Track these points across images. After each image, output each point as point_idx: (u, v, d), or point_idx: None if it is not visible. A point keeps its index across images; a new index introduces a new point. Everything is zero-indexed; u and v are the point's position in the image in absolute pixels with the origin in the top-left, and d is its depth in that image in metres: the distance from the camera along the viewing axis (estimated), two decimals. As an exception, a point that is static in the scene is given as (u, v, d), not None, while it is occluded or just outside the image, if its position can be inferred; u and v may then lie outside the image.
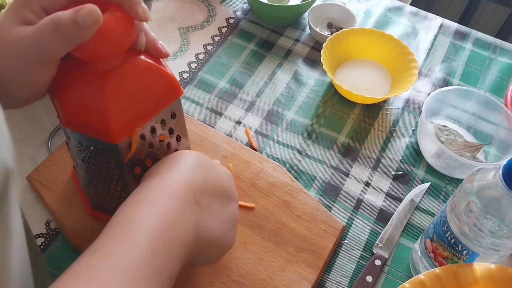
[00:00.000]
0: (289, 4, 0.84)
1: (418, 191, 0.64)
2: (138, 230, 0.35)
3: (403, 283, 0.47)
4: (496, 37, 0.86)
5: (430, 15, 0.89)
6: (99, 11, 0.35)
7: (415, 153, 0.69)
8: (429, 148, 0.65)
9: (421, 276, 0.48)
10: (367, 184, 0.65)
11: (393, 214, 0.62)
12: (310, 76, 0.77)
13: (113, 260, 0.32)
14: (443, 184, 0.66)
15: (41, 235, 0.57)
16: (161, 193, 0.38)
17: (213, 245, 0.43)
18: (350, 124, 0.71)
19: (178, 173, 0.41)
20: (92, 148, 0.45)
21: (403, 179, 0.66)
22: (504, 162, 0.43)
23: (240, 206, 0.59)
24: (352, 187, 0.65)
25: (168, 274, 0.35)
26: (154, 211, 0.36)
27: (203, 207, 0.41)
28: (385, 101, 0.75)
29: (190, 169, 0.42)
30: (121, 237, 0.34)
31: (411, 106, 0.75)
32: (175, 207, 0.38)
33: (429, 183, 0.65)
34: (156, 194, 0.38)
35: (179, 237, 0.37)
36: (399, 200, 0.64)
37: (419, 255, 0.56)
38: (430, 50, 0.83)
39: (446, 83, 0.78)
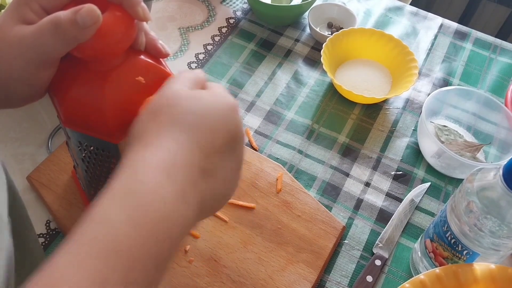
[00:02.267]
0: (289, 4, 0.84)
1: (418, 191, 0.64)
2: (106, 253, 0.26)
3: (403, 283, 0.47)
4: (496, 37, 0.86)
5: (430, 15, 0.89)
6: (99, 11, 0.35)
7: (415, 153, 0.69)
8: (429, 148, 0.65)
9: (421, 276, 0.48)
10: (367, 184, 0.65)
11: (393, 214, 0.62)
12: (310, 76, 0.77)
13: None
14: (443, 184, 0.66)
15: (41, 235, 0.57)
16: (151, 175, 0.29)
17: (218, 203, 0.37)
18: (350, 124, 0.71)
19: (179, 138, 0.31)
20: (92, 147, 0.45)
21: (403, 179, 0.66)
22: (504, 162, 0.43)
23: (240, 206, 0.59)
24: (352, 187, 0.65)
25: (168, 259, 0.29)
26: (139, 205, 0.28)
27: (211, 175, 0.33)
28: (385, 101, 0.75)
29: (194, 125, 0.32)
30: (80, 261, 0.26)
31: (411, 106, 0.75)
32: (169, 197, 0.29)
33: (429, 183, 0.65)
34: (149, 183, 0.29)
35: (173, 235, 0.29)
36: (399, 200, 0.64)
37: (419, 255, 0.55)
38: (430, 50, 0.83)
39: (446, 83, 0.78)
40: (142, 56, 0.41)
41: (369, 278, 0.56)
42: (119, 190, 0.29)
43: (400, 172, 0.67)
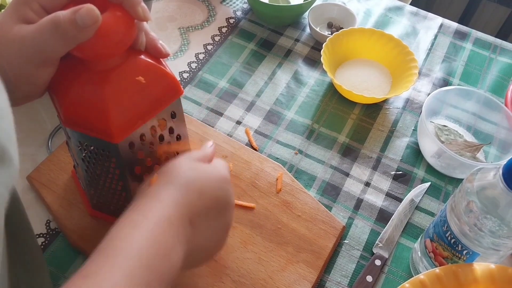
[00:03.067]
0: (289, 4, 0.84)
1: (418, 191, 0.64)
2: (133, 259, 0.33)
3: (403, 283, 0.47)
4: (496, 37, 0.86)
5: (430, 15, 0.89)
6: (98, 11, 0.35)
7: (415, 153, 0.69)
8: (429, 148, 0.65)
9: (421, 276, 0.48)
10: (367, 184, 0.65)
11: (393, 214, 0.62)
12: (310, 76, 0.77)
13: None
14: (443, 184, 0.66)
15: (41, 235, 0.57)
16: (157, 217, 0.37)
17: (202, 257, 0.43)
18: (350, 124, 0.71)
19: (174, 194, 0.39)
20: (92, 147, 0.45)
21: (403, 179, 0.66)
22: (504, 162, 0.43)
23: (240, 206, 0.59)
24: (352, 187, 0.65)
25: None
26: (149, 237, 0.35)
27: (197, 228, 0.40)
28: (385, 101, 0.75)
29: (184, 186, 0.40)
30: (116, 265, 0.32)
31: (411, 106, 0.75)
32: (170, 234, 0.36)
33: (429, 183, 0.65)
34: (152, 218, 0.36)
35: (172, 266, 0.36)
36: (399, 200, 0.64)
37: (419, 255, 0.55)
38: (430, 50, 0.83)
39: (446, 83, 0.78)
40: (142, 56, 0.41)
41: (369, 278, 0.56)
42: (127, 221, 0.37)
43: (400, 172, 0.67)
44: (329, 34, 0.79)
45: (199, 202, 0.40)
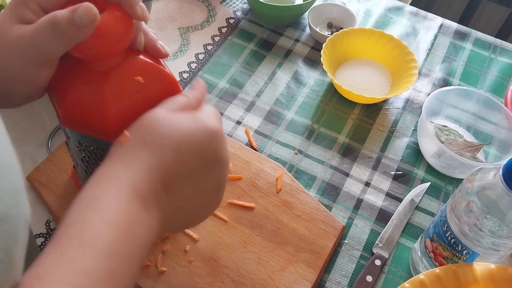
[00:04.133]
0: (289, 4, 0.84)
1: (418, 191, 0.64)
2: (90, 250, 0.30)
3: (403, 283, 0.47)
4: (496, 37, 0.86)
5: (430, 15, 0.88)
6: (96, 10, 0.35)
7: (415, 153, 0.69)
8: (429, 148, 0.65)
9: (421, 276, 0.48)
10: (367, 184, 0.65)
11: (393, 214, 0.62)
12: (310, 76, 0.77)
13: None
14: (443, 184, 0.66)
15: (41, 235, 0.57)
16: (120, 189, 0.33)
17: (189, 220, 0.39)
18: (350, 124, 0.71)
19: (145, 157, 0.35)
20: (91, 147, 0.45)
21: (403, 179, 0.66)
22: (504, 162, 0.43)
23: (240, 206, 0.59)
24: (352, 187, 0.65)
25: (128, 281, 0.32)
26: (109, 218, 0.31)
27: (174, 192, 0.36)
28: (385, 101, 0.75)
29: (158, 146, 0.35)
30: (71, 260, 0.29)
31: (411, 106, 0.75)
32: (135, 207, 0.33)
33: (429, 183, 0.65)
34: (113, 192, 0.33)
35: (140, 239, 0.33)
36: (399, 200, 0.64)
37: (419, 255, 0.55)
38: (430, 50, 0.83)
39: (446, 83, 0.78)
40: (141, 56, 0.41)
41: (369, 278, 0.56)
42: (88, 197, 0.33)
43: (400, 172, 0.67)
44: (329, 34, 0.79)
45: (177, 164, 0.35)
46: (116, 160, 0.35)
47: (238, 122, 0.70)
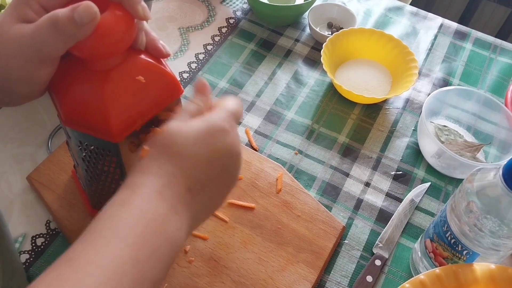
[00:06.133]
0: (289, 4, 0.84)
1: (418, 191, 0.64)
2: (119, 238, 0.32)
3: (403, 283, 0.47)
4: (496, 37, 0.86)
5: (430, 15, 0.89)
6: (96, 8, 0.35)
7: (415, 153, 0.69)
8: (429, 148, 0.65)
9: (421, 276, 0.48)
10: (367, 184, 0.65)
11: (393, 214, 0.62)
12: (310, 76, 0.77)
13: (89, 273, 0.30)
14: (443, 184, 0.66)
15: (41, 235, 0.57)
16: (147, 192, 0.35)
17: (208, 213, 0.42)
18: (350, 124, 0.71)
19: (165, 165, 0.37)
20: (92, 147, 0.45)
21: (403, 179, 0.66)
22: (504, 162, 0.43)
23: (240, 206, 0.59)
24: (352, 187, 0.65)
25: (151, 283, 0.33)
26: (137, 214, 0.34)
27: (198, 192, 0.38)
28: (385, 101, 0.75)
29: (175, 154, 0.37)
30: (101, 246, 0.31)
31: (411, 106, 0.75)
32: (162, 209, 0.35)
33: (429, 183, 0.65)
34: (140, 194, 0.35)
35: (170, 238, 0.35)
36: (399, 200, 0.64)
37: (419, 255, 0.55)
38: (430, 50, 0.83)
39: (446, 83, 0.78)
40: (142, 56, 0.41)
41: (369, 278, 0.56)
42: (118, 200, 0.35)
43: (400, 172, 0.67)
44: (329, 34, 0.79)
45: (195, 167, 0.38)
46: (139, 171, 0.37)
47: (238, 122, 0.70)
